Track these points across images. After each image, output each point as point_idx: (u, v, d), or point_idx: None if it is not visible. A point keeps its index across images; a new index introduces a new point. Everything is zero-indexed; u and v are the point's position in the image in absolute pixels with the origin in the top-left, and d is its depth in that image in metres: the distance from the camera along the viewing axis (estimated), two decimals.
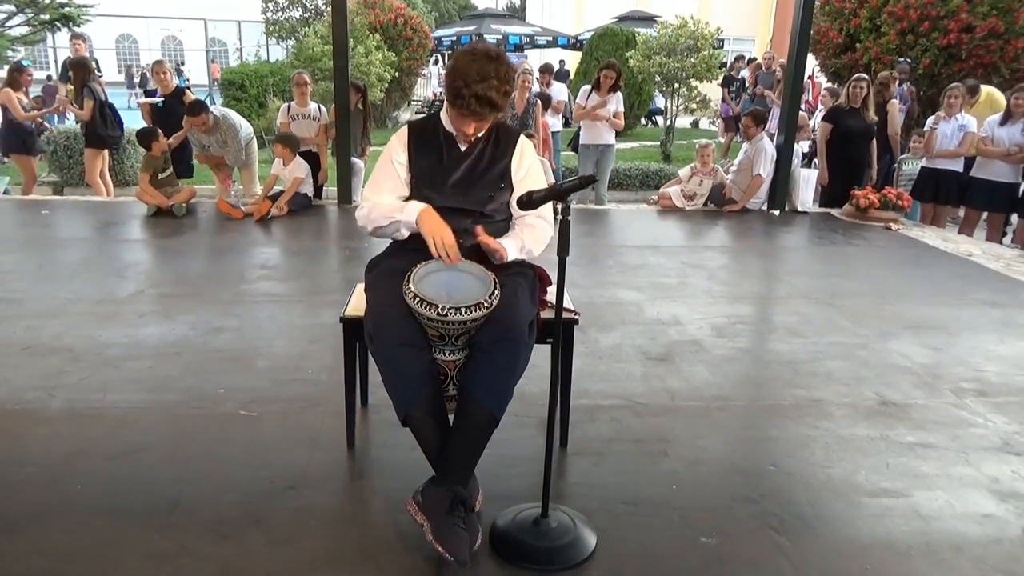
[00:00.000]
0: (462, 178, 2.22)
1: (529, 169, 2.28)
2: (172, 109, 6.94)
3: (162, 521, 2.09)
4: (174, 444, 2.52)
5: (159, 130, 6.38)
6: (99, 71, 9.05)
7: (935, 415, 2.92)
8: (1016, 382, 3.25)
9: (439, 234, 2.06)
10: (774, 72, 10.57)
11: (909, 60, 8.61)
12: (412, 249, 2.16)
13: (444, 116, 2.26)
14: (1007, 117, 6.24)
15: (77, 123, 7.98)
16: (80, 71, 7.24)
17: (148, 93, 7.00)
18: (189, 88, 7.52)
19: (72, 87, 7.55)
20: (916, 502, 2.31)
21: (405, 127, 2.33)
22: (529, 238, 2.22)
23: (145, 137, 6.32)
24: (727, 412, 2.91)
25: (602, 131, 7.14)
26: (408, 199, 2.24)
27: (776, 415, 2.89)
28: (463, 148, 2.25)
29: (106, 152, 7.42)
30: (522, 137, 2.33)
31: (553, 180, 6.00)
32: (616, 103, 7.05)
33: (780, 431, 2.77)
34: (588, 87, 7.22)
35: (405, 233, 2.19)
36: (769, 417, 2.88)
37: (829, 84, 10.22)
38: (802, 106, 7.67)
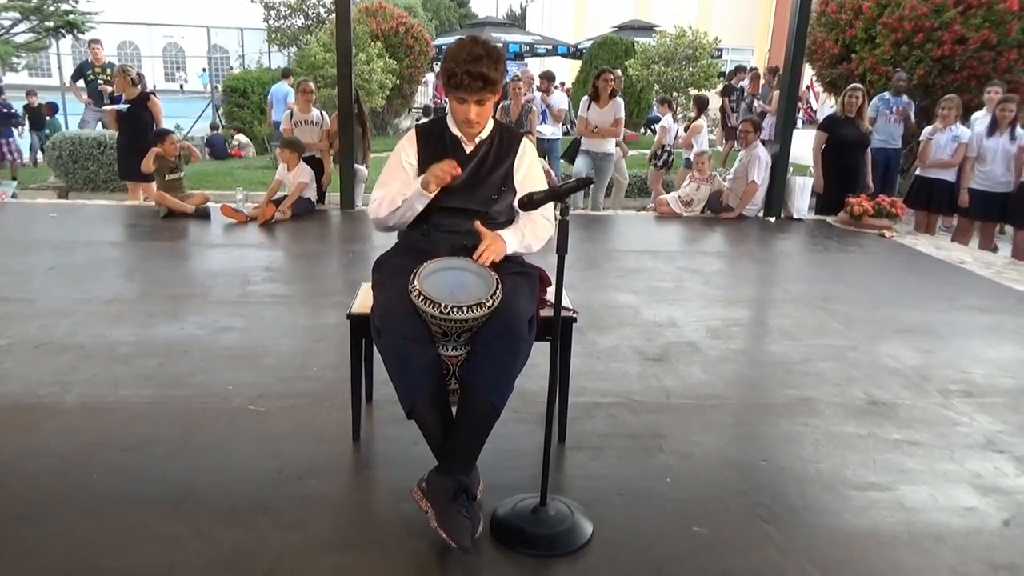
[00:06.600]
0: (467, 179, 2.30)
1: (528, 169, 2.38)
2: (137, 115, 7.02)
3: (175, 508, 2.17)
4: (185, 437, 2.60)
5: (171, 130, 6.46)
6: (108, 76, 9.16)
7: (922, 414, 3.01)
8: (1001, 384, 3.34)
9: (437, 172, 2.19)
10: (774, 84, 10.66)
11: (905, 70, 8.70)
12: (419, 249, 2.26)
13: (450, 120, 2.36)
14: (994, 128, 6.34)
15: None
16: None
17: (113, 99, 7.02)
18: (154, 93, 7.56)
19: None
20: (901, 495, 2.40)
21: (413, 130, 2.43)
22: (530, 233, 2.31)
23: (155, 137, 6.42)
24: (720, 410, 2.99)
25: (602, 139, 7.24)
26: None
27: (768, 413, 2.98)
28: (468, 150, 2.34)
29: None
30: (524, 139, 2.43)
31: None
32: (616, 110, 7.14)
33: (771, 428, 2.85)
34: (587, 98, 7.31)
35: (419, 207, 2.27)
36: (761, 415, 2.97)
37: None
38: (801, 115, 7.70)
